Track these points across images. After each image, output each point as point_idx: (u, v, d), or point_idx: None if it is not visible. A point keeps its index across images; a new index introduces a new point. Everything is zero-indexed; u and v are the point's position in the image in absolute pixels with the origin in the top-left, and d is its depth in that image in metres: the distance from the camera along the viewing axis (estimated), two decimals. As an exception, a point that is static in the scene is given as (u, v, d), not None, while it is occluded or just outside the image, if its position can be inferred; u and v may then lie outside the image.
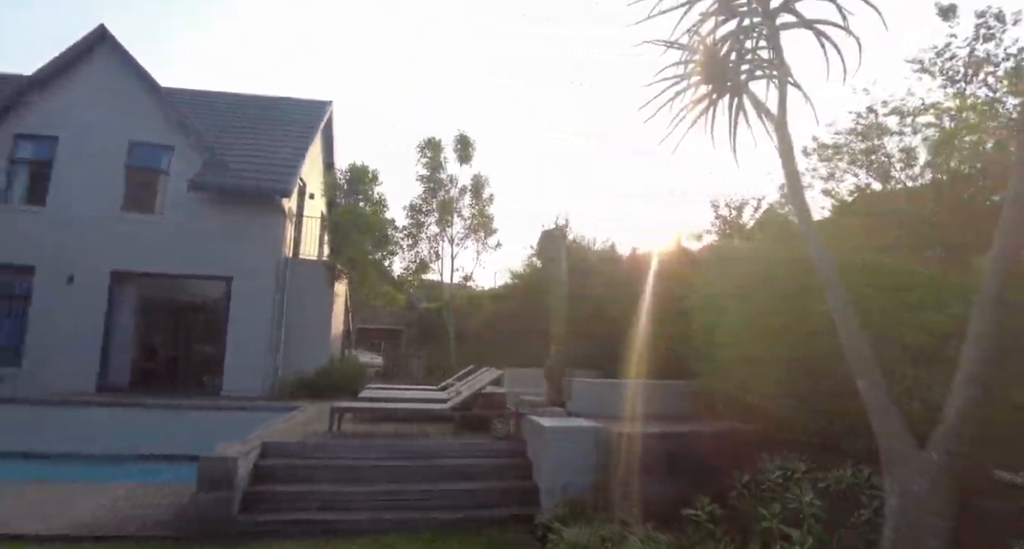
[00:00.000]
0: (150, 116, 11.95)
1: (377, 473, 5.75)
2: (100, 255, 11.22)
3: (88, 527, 4.69)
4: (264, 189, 11.38)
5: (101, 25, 12.12)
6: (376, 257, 12.84)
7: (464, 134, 14.26)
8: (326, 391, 10.99)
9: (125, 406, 9.36)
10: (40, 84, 11.81)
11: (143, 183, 11.82)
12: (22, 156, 11.70)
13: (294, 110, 14.67)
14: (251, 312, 11.33)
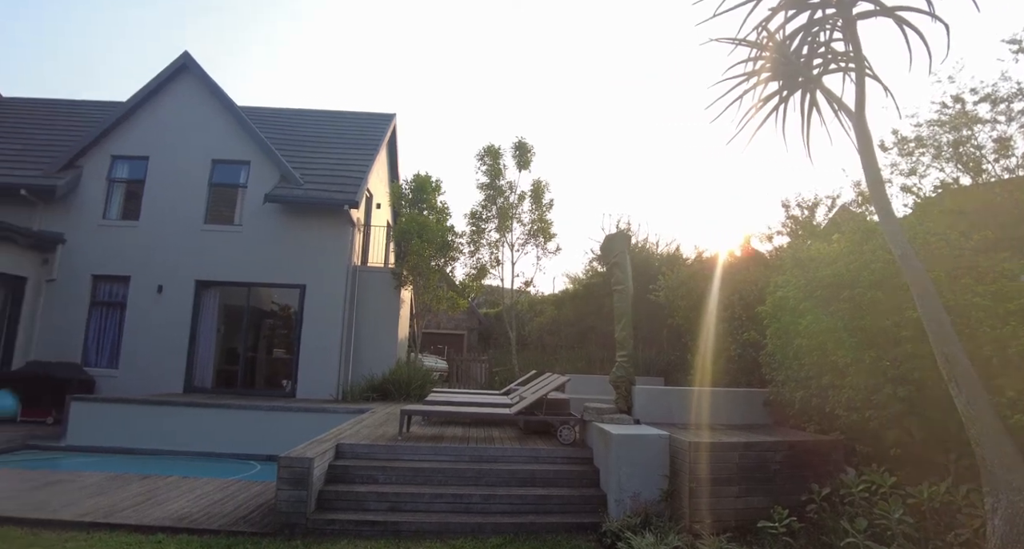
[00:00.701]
0: (229, 135, 12.74)
1: (444, 476, 5.85)
2: (186, 266, 12.03)
3: (182, 519, 5.02)
4: (333, 200, 11.88)
5: (185, 52, 13.04)
6: (438, 263, 13.10)
7: (523, 140, 14.33)
8: (394, 394, 11.31)
9: (209, 407, 9.91)
10: (133, 109, 12.84)
11: (224, 198, 12.60)
12: (118, 176, 12.72)
13: (360, 124, 15.27)
14: (323, 318, 11.84)
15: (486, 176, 14.18)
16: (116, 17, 54.85)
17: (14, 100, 16.05)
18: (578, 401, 7.97)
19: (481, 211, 14.06)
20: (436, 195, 13.92)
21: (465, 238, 13.84)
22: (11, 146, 13.53)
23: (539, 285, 14.66)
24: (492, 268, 14.00)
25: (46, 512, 5.09)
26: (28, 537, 4.60)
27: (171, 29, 54.38)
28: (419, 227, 12.56)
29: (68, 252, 12.13)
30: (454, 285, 14.67)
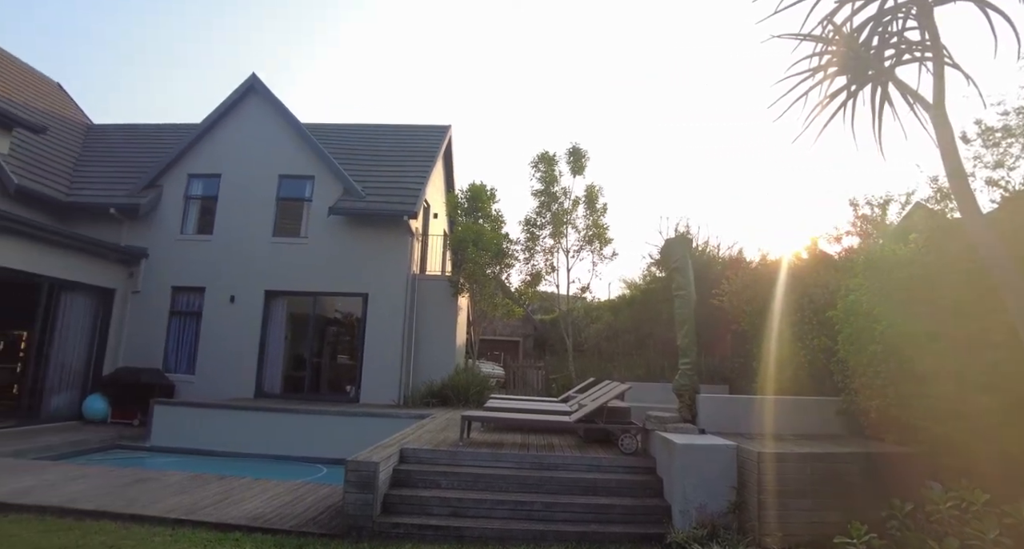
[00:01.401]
0: (294, 151, 13.35)
1: (505, 482, 5.88)
2: (256, 276, 12.65)
3: (256, 519, 5.26)
4: (393, 212, 12.24)
5: (252, 75, 13.78)
6: (494, 271, 13.23)
7: (576, 146, 14.30)
8: (453, 400, 11.47)
9: (278, 412, 10.35)
10: (206, 130, 13.66)
11: (290, 211, 13.20)
12: (194, 193, 13.55)
13: (417, 136, 15.66)
14: (385, 326, 12.18)
15: (540, 183, 14.22)
16: (183, 40, 58.53)
17: (104, 126, 17.37)
18: (639, 409, 7.83)
19: (535, 218, 14.10)
20: (491, 203, 14.09)
21: (520, 245, 13.92)
22: (102, 169, 14.65)
23: (595, 291, 14.55)
24: (547, 274, 14.01)
25: (136, 508, 5.44)
26: (121, 531, 4.94)
27: (235, 50, 57.53)
28: (475, 235, 12.74)
29: (150, 265, 13.01)
30: (509, 292, 14.76)
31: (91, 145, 15.99)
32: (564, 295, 14.11)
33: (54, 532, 4.83)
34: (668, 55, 52.60)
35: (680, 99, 53.02)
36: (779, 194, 29.21)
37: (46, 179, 13.13)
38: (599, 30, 54.18)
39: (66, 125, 15.89)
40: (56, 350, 11.36)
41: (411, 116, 54.44)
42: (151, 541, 4.69)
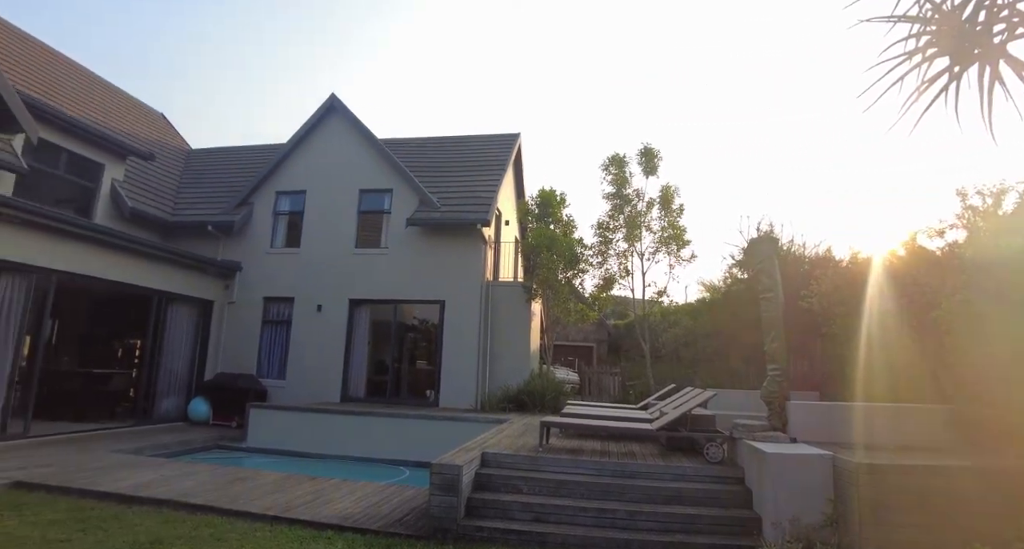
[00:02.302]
0: (373, 166, 13.92)
1: (586, 489, 5.82)
2: (340, 286, 13.27)
3: (346, 518, 5.49)
4: (467, 220, 12.49)
5: (332, 94, 14.52)
6: (567, 276, 13.18)
7: (648, 146, 14.03)
8: (529, 405, 11.50)
9: (362, 415, 10.75)
10: (292, 149, 14.50)
11: (370, 223, 13.77)
12: (282, 209, 14.41)
13: (487, 145, 15.92)
14: (461, 332, 12.42)
15: (612, 185, 14.05)
16: (261, 65, 62.45)
17: (201, 151, 18.86)
18: (723, 417, 7.55)
19: (608, 221, 13.93)
20: (561, 208, 14.07)
21: (593, 249, 13.78)
22: (201, 190, 15.90)
23: (672, 294, 14.12)
24: (621, 278, 13.78)
25: (238, 504, 5.82)
26: (226, 525, 5.29)
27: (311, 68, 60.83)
28: (547, 241, 12.76)
29: (244, 278, 13.95)
30: (582, 297, 14.64)
31: (191, 168, 17.40)
32: (639, 299, 13.83)
33: (170, 523, 5.26)
34: (739, 48, 50.70)
35: (754, 93, 50.90)
36: (870, 188, 27.36)
37: (154, 201, 14.40)
38: (664, 27, 53.06)
39: (169, 151, 17.36)
40: (165, 357, 12.38)
41: (479, 124, 55.42)
42: (253, 536, 5.00)
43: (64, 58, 15.60)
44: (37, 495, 6.14)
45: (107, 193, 12.98)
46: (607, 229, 13.87)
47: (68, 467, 7.27)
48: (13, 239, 8.92)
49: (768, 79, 49.89)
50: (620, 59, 57.15)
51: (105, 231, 10.75)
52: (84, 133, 12.22)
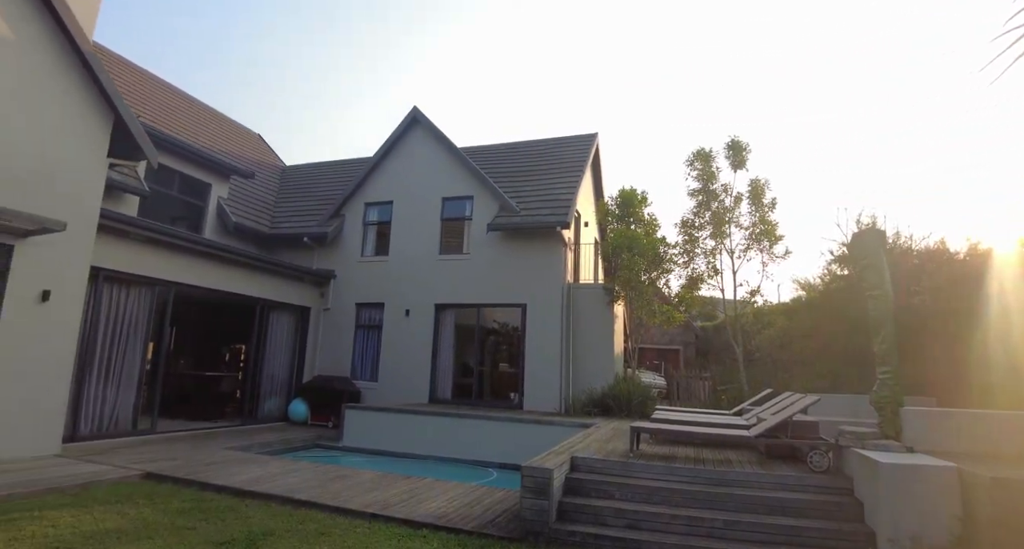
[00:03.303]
0: (454, 174, 14.26)
1: (680, 497, 5.63)
2: (426, 292, 13.68)
3: (440, 518, 5.61)
4: (546, 223, 12.48)
5: (414, 107, 15.02)
6: (650, 277, 12.84)
7: (736, 139, 13.45)
8: (614, 410, 11.30)
9: (450, 416, 10.98)
10: (378, 161, 15.13)
11: (453, 230, 14.09)
12: (371, 219, 15.06)
13: (564, 147, 15.87)
14: (544, 335, 12.42)
15: (697, 181, 13.58)
16: (345, 79, 65.54)
17: (295, 167, 20.11)
18: (826, 424, 7.08)
19: (693, 218, 13.47)
20: (643, 207, 13.75)
21: (677, 248, 13.36)
22: (296, 204, 16.94)
23: (765, 293, 13.39)
24: (709, 278, 13.26)
25: (339, 501, 6.10)
26: (328, 520, 5.56)
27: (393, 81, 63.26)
28: (628, 241, 12.52)
29: (337, 285, 14.69)
30: (667, 298, 14.23)
31: (286, 184, 18.59)
32: (731, 299, 13.26)
33: (279, 516, 5.60)
34: (823, 36, 47.56)
35: (848, 80, 47.53)
36: (990, 173, 24.76)
37: (255, 216, 15.50)
38: (744, 17, 50.73)
39: (266, 169, 18.63)
40: (267, 361, 13.25)
41: (555, 128, 55.42)
42: (354, 532, 5.22)
43: (172, 87, 17.15)
44: (165, 486, 6.74)
45: (214, 210, 14.13)
46: (692, 227, 13.42)
47: (189, 461, 7.93)
48: (139, 255, 9.90)
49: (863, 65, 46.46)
50: (699, 52, 55.31)
51: (215, 245, 11.68)
52: (194, 157, 13.39)
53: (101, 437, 9.24)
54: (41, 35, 8.02)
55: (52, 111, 8.13)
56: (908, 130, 41.30)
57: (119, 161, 9.24)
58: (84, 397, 9.02)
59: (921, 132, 40.41)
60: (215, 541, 4.76)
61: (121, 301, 9.69)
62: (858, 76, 46.59)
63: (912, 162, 37.26)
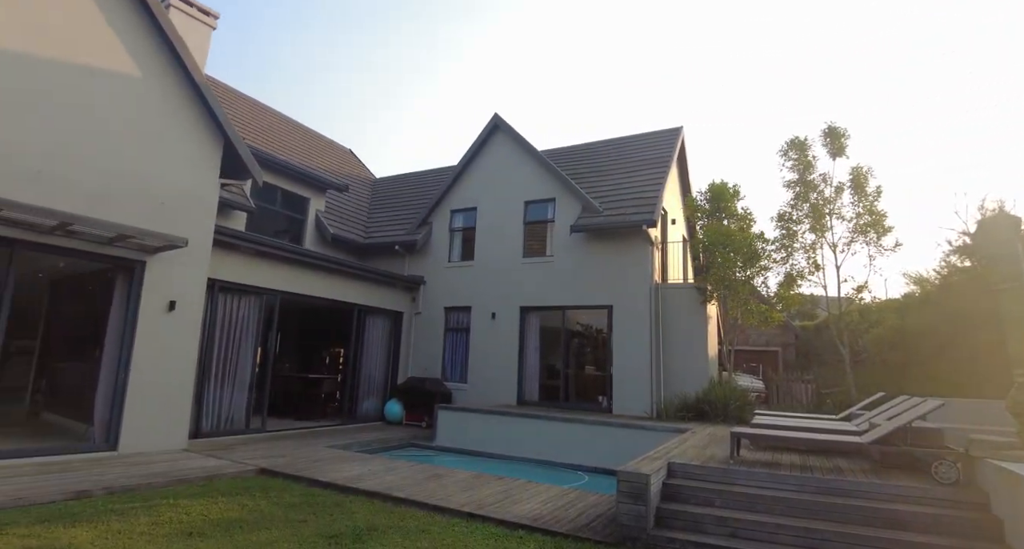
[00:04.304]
0: (536, 177, 14.32)
1: (786, 506, 5.32)
2: (511, 295, 13.82)
3: (536, 519, 5.63)
4: (631, 223, 12.22)
5: (495, 114, 15.26)
6: (745, 274, 12.24)
7: (833, 126, 12.59)
8: (710, 414, 10.86)
9: (539, 418, 11.00)
10: (463, 169, 15.50)
11: (536, 233, 14.15)
12: (456, 226, 15.44)
13: (648, 143, 15.50)
14: (632, 337, 12.17)
15: (792, 172, 12.83)
16: (428, 91, 67.48)
17: (384, 179, 21.03)
18: (951, 431, 6.44)
19: (790, 211, 12.72)
20: (735, 201, 13.12)
21: (774, 244, 12.64)
22: (387, 213, 17.70)
23: (873, 289, 12.36)
24: (810, 274, 12.45)
25: (436, 500, 6.28)
26: (427, 518, 5.74)
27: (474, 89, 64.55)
28: (721, 237, 12.00)
29: (427, 290, 15.18)
30: (763, 297, 13.52)
31: (377, 195, 19.48)
32: (833, 297, 12.39)
33: (380, 513, 5.85)
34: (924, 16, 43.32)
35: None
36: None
37: (349, 227, 16.35)
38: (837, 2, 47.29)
39: (359, 182, 19.60)
40: (364, 363, 13.90)
41: (636, 125, 54.29)
42: (452, 530, 5.36)
43: (270, 108, 18.45)
44: (277, 480, 7.24)
45: (312, 222, 15.04)
46: (790, 220, 12.67)
47: (297, 459, 8.46)
48: (249, 267, 10.72)
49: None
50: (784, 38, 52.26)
51: (316, 256, 12.43)
52: (294, 173, 14.34)
53: (219, 434, 10.09)
54: (162, 71, 8.91)
55: (173, 139, 9.00)
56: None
57: (228, 181, 10.07)
58: (205, 398, 9.89)
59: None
60: (325, 534, 5.05)
61: (234, 309, 10.54)
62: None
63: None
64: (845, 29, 48.13)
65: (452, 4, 56.28)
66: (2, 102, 7.17)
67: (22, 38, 7.41)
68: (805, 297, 13.19)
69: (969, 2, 41.54)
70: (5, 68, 7.23)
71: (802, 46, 53.30)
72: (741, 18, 54.65)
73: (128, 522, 5.17)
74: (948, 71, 42.59)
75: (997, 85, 40.25)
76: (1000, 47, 39.55)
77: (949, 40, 42.66)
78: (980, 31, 41.48)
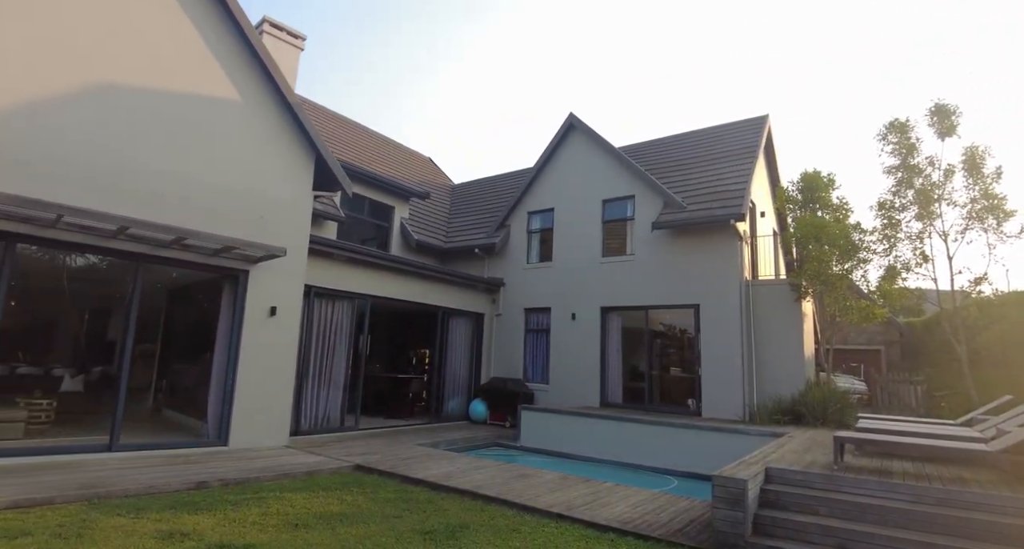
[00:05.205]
0: (614, 175, 14.11)
1: (899, 517, 4.92)
2: (592, 295, 13.69)
3: (626, 523, 5.53)
4: (717, 217, 11.75)
5: (571, 114, 15.19)
6: (843, 268, 11.44)
7: (941, 103, 11.54)
8: (807, 418, 10.25)
9: (624, 421, 10.80)
10: (539, 171, 15.54)
11: (615, 232, 13.93)
12: (534, 227, 15.51)
13: (731, 134, 14.86)
14: (721, 337, 11.69)
15: (893, 156, 11.88)
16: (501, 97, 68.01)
17: (463, 184, 21.48)
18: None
19: (892, 199, 11.78)
20: (830, 191, 12.29)
21: (875, 235, 11.74)
22: (466, 218, 18.08)
23: (993, 281, 11.09)
24: (917, 267, 11.48)
25: (524, 499, 6.32)
26: (516, 518, 5.79)
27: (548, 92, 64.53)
28: (815, 230, 11.29)
29: (507, 292, 15.35)
30: (863, 293, 12.59)
31: (456, 200, 19.93)
32: (945, 290, 11.35)
33: (471, 511, 5.97)
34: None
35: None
36: None
37: (431, 232, 16.84)
38: None
39: (439, 189, 20.14)
40: (448, 363, 14.26)
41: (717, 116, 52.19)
42: (542, 530, 5.37)
43: (352, 121, 19.31)
44: (372, 477, 7.56)
45: (397, 229, 15.62)
46: (892, 209, 11.73)
47: (388, 456, 8.80)
48: (341, 273, 11.30)
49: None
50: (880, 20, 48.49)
51: (402, 261, 12.91)
52: (379, 183, 14.97)
53: (316, 432, 10.67)
54: (258, 93, 9.57)
55: (271, 156, 9.64)
56: None
57: (321, 193, 10.64)
58: (303, 397, 10.50)
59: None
60: (420, 530, 5.21)
61: (328, 314, 11.13)
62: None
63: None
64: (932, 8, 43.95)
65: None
66: (128, 131, 7.98)
67: (144, 72, 8.21)
68: (911, 291, 12.15)
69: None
70: (130, 100, 8.03)
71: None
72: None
73: (241, 512, 5.58)
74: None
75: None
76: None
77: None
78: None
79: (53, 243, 7.44)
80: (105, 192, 7.64)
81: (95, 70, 7.76)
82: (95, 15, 7.83)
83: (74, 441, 7.96)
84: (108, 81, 7.86)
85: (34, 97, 7.21)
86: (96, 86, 7.75)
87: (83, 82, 7.64)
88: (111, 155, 7.79)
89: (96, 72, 7.77)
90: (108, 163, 7.75)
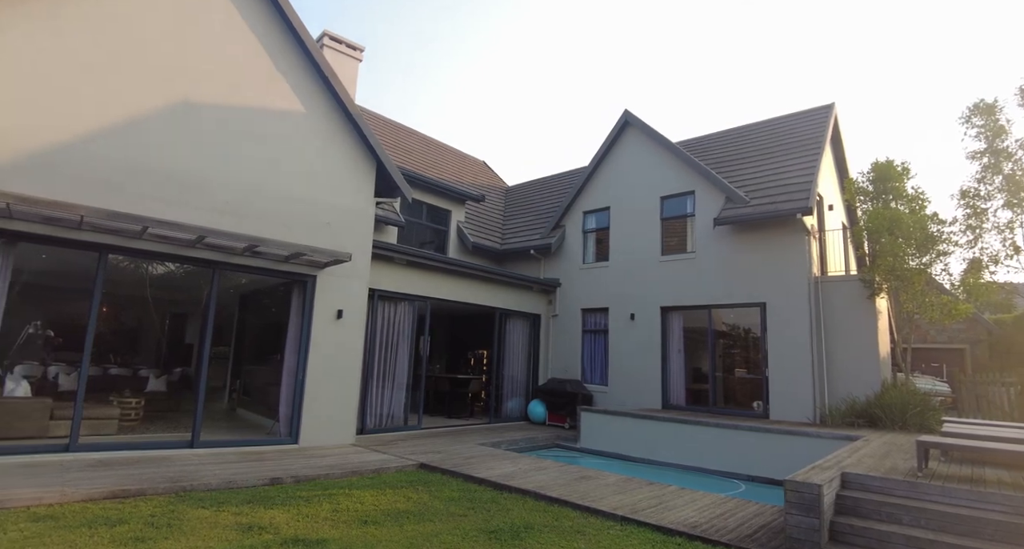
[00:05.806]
0: (672, 171, 13.81)
1: (995, 529, 4.59)
2: (651, 295, 13.45)
3: (694, 527, 5.41)
4: (782, 211, 11.30)
5: (625, 110, 14.98)
6: (921, 262, 10.75)
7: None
8: (884, 421, 9.71)
9: (688, 423, 10.56)
10: (594, 169, 15.41)
11: (674, 229, 13.63)
12: (590, 227, 15.39)
13: (795, 124, 14.27)
14: (789, 337, 11.24)
15: (978, 140, 11.10)
16: (553, 97, 67.72)
17: (516, 186, 21.57)
18: None
19: (977, 187, 11.00)
20: (905, 180, 11.58)
21: (957, 225, 11.00)
22: (521, 220, 18.15)
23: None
24: (1007, 259, 10.67)
25: (588, 501, 6.29)
26: (580, 519, 5.78)
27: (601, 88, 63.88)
28: (888, 222, 10.67)
29: (563, 292, 15.30)
30: (943, 288, 11.80)
31: (510, 202, 20.04)
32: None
33: (535, 511, 5.99)
34: None
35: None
36: None
37: (487, 234, 17.00)
38: None
39: (493, 191, 20.30)
40: (507, 364, 14.36)
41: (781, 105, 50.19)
42: (607, 533, 5.33)
43: (407, 128, 19.74)
44: (436, 475, 7.71)
45: (455, 232, 15.86)
46: (977, 197, 10.96)
47: (451, 455, 8.95)
48: (402, 276, 11.59)
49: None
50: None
51: (460, 263, 13.11)
52: (437, 188, 15.25)
53: (380, 431, 10.99)
54: (321, 104, 9.95)
55: (334, 165, 10.01)
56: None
57: (382, 199, 10.95)
58: (368, 397, 10.83)
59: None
60: (485, 529, 5.28)
61: (391, 316, 11.44)
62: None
63: None
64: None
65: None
66: (202, 144, 8.48)
67: (216, 88, 8.71)
68: (1000, 286, 11.30)
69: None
70: (204, 115, 8.54)
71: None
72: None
73: (313, 507, 5.82)
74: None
75: None
76: None
77: None
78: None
79: (140, 253, 8.00)
80: (183, 204, 8.15)
81: (174, 89, 8.30)
82: (171, 34, 8.36)
83: (160, 437, 8.55)
84: (184, 98, 8.38)
85: (119, 117, 7.78)
86: (173, 103, 8.28)
87: (162, 101, 8.18)
88: (187, 168, 8.31)
89: (174, 90, 8.30)
90: (184, 176, 8.26)
